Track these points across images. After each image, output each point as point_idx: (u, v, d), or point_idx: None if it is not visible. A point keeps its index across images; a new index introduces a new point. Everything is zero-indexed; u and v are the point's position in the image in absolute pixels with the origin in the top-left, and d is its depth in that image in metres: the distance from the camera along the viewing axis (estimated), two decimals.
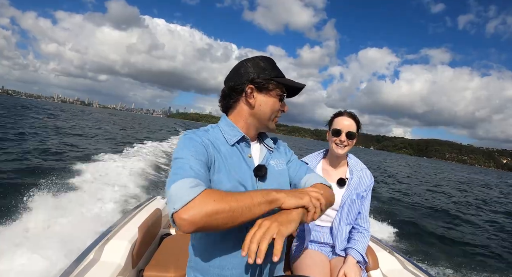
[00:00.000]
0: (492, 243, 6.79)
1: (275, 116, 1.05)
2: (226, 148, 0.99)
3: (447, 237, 6.70)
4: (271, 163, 1.09)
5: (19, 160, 7.58)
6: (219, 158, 0.95)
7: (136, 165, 7.61)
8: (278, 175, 1.08)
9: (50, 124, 18.69)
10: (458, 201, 12.58)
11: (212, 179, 0.92)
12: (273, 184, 1.03)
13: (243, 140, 1.04)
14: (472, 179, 34.59)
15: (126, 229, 1.75)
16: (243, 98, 1.02)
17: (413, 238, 5.98)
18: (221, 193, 0.78)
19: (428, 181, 20.62)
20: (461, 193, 16.49)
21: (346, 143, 1.60)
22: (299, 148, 40.46)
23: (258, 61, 1.02)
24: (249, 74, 0.99)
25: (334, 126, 1.63)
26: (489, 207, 12.39)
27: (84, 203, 4.28)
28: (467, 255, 5.71)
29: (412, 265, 1.80)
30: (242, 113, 1.03)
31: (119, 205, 4.42)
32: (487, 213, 10.77)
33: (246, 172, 0.99)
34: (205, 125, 1.09)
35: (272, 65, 1.03)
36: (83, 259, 1.39)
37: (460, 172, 56.85)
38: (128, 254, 1.56)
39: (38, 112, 32.80)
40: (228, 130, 1.03)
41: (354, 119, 1.62)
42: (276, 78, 1.01)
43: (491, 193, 19.05)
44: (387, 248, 1.98)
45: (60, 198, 4.36)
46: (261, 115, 1.02)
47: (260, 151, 1.09)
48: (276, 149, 1.17)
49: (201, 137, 0.95)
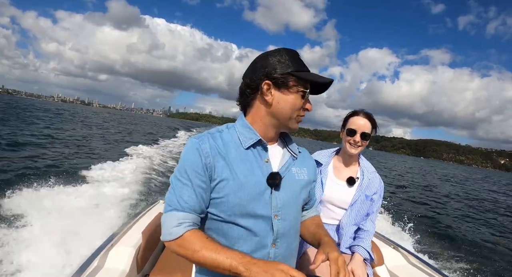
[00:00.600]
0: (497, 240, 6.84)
1: (297, 115, 0.94)
2: (239, 151, 0.92)
3: (451, 232, 6.75)
4: (293, 170, 1.00)
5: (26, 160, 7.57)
6: (224, 166, 0.89)
7: (139, 167, 7.56)
8: (296, 185, 1.00)
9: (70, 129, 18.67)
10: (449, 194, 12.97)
11: (217, 189, 0.89)
12: (288, 194, 0.96)
13: (260, 144, 0.95)
14: (457, 175, 35.75)
15: (129, 234, 1.73)
16: (259, 96, 0.93)
17: (420, 234, 5.99)
18: (198, 244, 0.83)
19: (423, 180, 20.80)
20: (452, 187, 17.14)
21: (360, 143, 1.59)
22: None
23: (277, 54, 0.92)
24: (266, 68, 0.90)
25: (349, 126, 1.61)
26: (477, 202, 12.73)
27: (86, 206, 4.25)
28: (474, 251, 5.72)
29: (417, 260, 1.79)
30: (260, 112, 0.95)
31: (122, 210, 4.39)
32: (481, 210, 10.84)
33: (259, 179, 0.91)
34: (205, 125, 1.02)
35: (293, 58, 0.92)
36: (88, 266, 1.37)
37: (451, 170, 57.33)
38: (132, 260, 1.54)
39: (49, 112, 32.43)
40: (244, 131, 0.95)
41: (370, 119, 1.60)
42: (297, 72, 0.90)
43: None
44: (391, 244, 1.97)
45: (61, 198, 4.32)
46: (280, 114, 0.93)
47: (282, 155, 1.00)
48: (302, 157, 1.08)
49: (202, 145, 0.89)
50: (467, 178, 33.64)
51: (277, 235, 0.93)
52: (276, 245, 0.93)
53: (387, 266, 1.78)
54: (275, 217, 0.92)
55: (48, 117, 25.73)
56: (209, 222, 0.93)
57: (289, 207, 0.95)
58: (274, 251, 0.93)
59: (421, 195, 12.59)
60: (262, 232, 0.91)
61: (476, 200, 14.08)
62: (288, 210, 0.95)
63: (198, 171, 0.87)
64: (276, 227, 0.92)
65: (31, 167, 6.86)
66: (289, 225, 0.96)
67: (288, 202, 0.95)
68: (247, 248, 0.90)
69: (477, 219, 9.40)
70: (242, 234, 0.90)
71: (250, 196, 0.89)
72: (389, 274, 1.75)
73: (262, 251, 0.91)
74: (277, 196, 0.93)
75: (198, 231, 0.87)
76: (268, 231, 0.91)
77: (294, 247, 1.02)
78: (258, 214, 0.90)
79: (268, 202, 0.91)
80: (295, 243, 1.03)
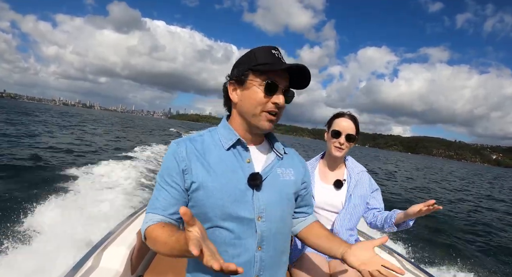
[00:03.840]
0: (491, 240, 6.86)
1: (261, 110, 0.87)
2: (220, 153, 0.90)
3: (445, 236, 6.69)
4: (277, 171, 0.96)
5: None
6: (202, 168, 0.86)
7: (138, 169, 7.52)
8: (281, 186, 0.95)
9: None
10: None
11: (196, 192, 0.86)
12: (272, 195, 0.91)
13: (240, 144, 0.92)
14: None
15: (124, 235, 1.69)
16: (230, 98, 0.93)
17: (413, 239, 5.98)
18: (156, 235, 0.80)
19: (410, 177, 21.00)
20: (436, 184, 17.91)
21: (345, 145, 1.53)
22: (296, 147, 40.71)
23: (247, 54, 0.90)
24: (233, 70, 0.91)
25: (334, 127, 1.55)
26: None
27: (86, 204, 4.22)
28: (467, 253, 5.68)
29: (412, 265, 1.77)
30: (233, 114, 0.95)
31: (119, 209, 4.35)
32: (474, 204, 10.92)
33: (240, 180, 0.87)
34: (205, 125, 1.02)
35: (263, 53, 0.86)
36: (81, 266, 1.34)
37: (434, 163, 58.25)
38: (127, 260, 1.51)
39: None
40: (224, 132, 0.93)
41: (354, 121, 1.55)
42: (256, 66, 0.84)
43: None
44: (386, 249, 1.95)
45: (61, 198, 4.31)
46: (245, 112, 0.89)
47: (266, 156, 0.96)
48: (289, 158, 1.03)
49: (177, 150, 0.88)
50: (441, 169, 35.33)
51: (261, 238, 0.88)
52: (262, 248, 0.88)
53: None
54: (259, 219, 0.88)
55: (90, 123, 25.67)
56: None
57: (273, 208, 0.90)
58: (260, 254, 0.88)
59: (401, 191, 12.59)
60: (246, 234, 0.87)
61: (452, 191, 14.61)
62: (272, 211, 0.90)
63: (174, 175, 0.87)
64: (260, 229, 0.87)
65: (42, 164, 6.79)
66: (275, 227, 0.91)
67: (271, 204, 0.90)
68: (232, 251, 0.86)
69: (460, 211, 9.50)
70: (225, 237, 0.86)
71: (231, 197, 0.86)
72: None
73: (247, 255, 0.87)
74: (259, 197, 0.89)
75: (158, 224, 0.83)
76: (252, 234, 0.87)
77: (283, 250, 0.97)
78: (240, 216, 0.86)
79: (250, 203, 0.87)
80: (285, 247, 0.98)
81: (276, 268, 0.93)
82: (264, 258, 0.89)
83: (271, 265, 0.90)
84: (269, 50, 0.87)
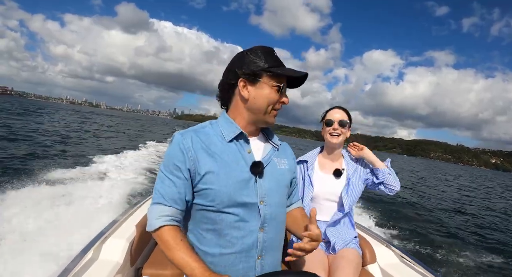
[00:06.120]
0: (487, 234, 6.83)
1: (272, 108, 0.95)
2: (222, 144, 0.94)
3: (442, 230, 6.69)
4: (274, 160, 1.02)
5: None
6: (208, 158, 0.90)
7: (140, 163, 7.53)
8: (278, 174, 1.01)
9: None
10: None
11: (204, 181, 0.90)
12: (272, 182, 0.97)
13: (241, 136, 0.97)
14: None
15: (123, 227, 1.68)
16: (237, 92, 0.95)
17: (409, 232, 5.96)
18: (172, 242, 0.86)
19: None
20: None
21: (339, 131, 1.58)
22: (297, 148, 40.79)
23: (252, 52, 0.93)
24: (242, 66, 0.92)
25: (327, 118, 1.62)
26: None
27: (86, 197, 4.22)
28: (463, 245, 5.69)
29: (409, 258, 1.76)
30: (239, 108, 0.97)
31: (118, 203, 4.34)
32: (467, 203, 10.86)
33: (243, 169, 0.93)
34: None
35: (267, 55, 0.93)
36: (82, 257, 1.32)
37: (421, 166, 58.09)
38: (126, 252, 1.49)
39: None
40: (226, 125, 0.97)
41: (345, 110, 1.62)
42: (271, 68, 0.92)
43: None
44: (384, 242, 1.93)
45: (61, 194, 4.27)
46: (256, 109, 0.94)
47: (264, 147, 1.02)
48: (283, 149, 1.10)
49: (183, 141, 0.91)
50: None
51: (264, 220, 0.93)
52: (264, 229, 0.94)
53: (379, 264, 1.74)
54: (261, 203, 0.94)
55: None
56: (199, 213, 0.93)
57: (273, 193, 0.97)
58: (263, 235, 0.93)
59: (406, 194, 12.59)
60: (250, 217, 0.92)
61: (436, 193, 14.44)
62: (272, 196, 0.96)
63: (180, 165, 0.90)
64: (263, 212, 0.93)
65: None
66: (275, 211, 0.97)
67: (271, 189, 0.97)
68: (237, 234, 0.91)
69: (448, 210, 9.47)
70: (231, 221, 0.90)
71: (236, 184, 0.90)
72: (382, 272, 1.71)
73: (251, 236, 0.92)
74: (261, 184, 0.95)
75: (175, 229, 0.89)
76: (256, 217, 0.92)
77: (281, 234, 1.02)
78: (245, 201, 0.91)
79: (253, 189, 0.93)
80: (282, 230, 1.03)
81: (275, 250, 0.99)
82: (266, 239, 0.94)
83: (271, 247, 0.96)
84: (271, 52, 0.95)
